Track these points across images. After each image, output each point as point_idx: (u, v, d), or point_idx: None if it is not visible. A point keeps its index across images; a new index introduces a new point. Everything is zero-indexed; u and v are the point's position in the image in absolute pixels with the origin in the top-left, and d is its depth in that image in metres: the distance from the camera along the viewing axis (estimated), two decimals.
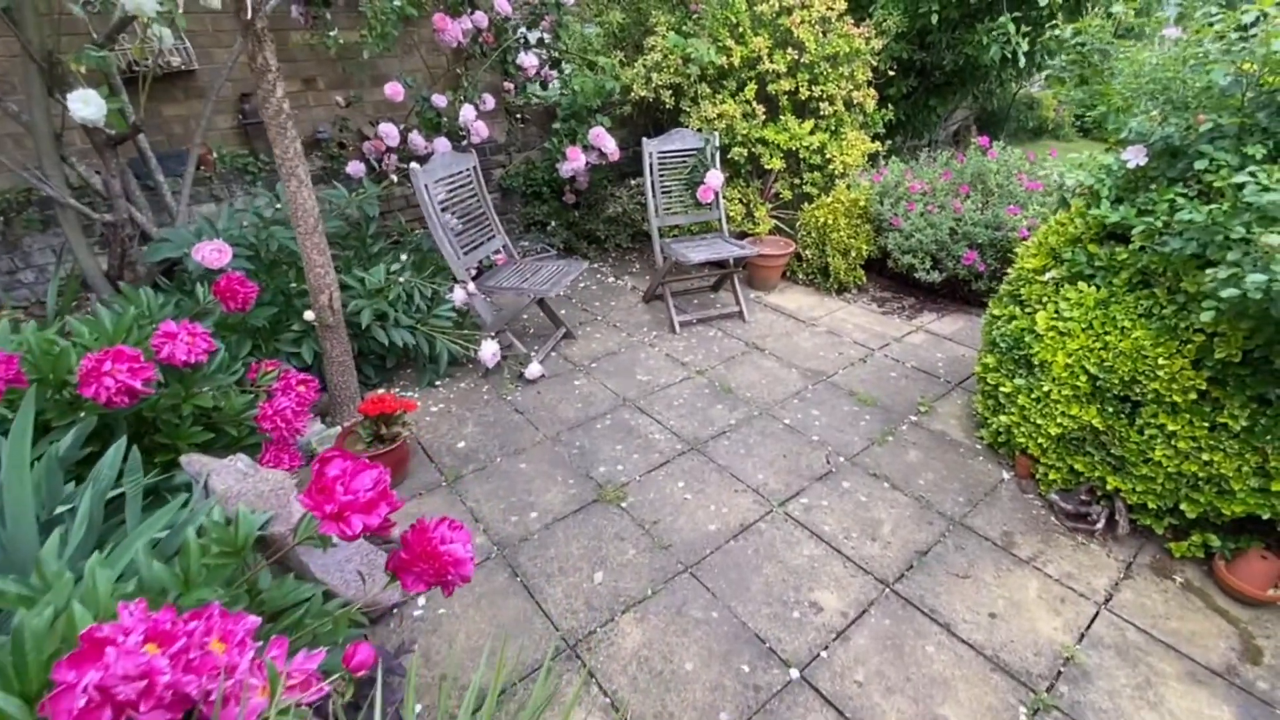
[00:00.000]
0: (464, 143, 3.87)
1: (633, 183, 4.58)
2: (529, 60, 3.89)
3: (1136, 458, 2.06)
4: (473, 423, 2.90)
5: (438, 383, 3.20)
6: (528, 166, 4.78)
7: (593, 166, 4.25)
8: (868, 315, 3.96)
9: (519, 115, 4.66)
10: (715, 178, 3.72)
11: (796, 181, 4.46)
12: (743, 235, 4.45)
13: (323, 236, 2.38)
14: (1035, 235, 2.59)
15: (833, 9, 4.04)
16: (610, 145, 4.05)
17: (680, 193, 3.91)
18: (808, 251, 4.25)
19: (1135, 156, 1.99)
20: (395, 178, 3.22)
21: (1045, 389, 2.23)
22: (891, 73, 4.82)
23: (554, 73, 4.35)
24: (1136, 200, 2.06)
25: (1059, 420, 2.21)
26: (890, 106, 4.82)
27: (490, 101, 3.89)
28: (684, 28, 4.09)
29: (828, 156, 4.26)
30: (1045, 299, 2.34)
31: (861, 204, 4.06)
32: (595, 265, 4.80)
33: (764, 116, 4.14)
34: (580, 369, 3.37)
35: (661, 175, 3.85)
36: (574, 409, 3.00)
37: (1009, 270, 2.70)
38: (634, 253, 4.97)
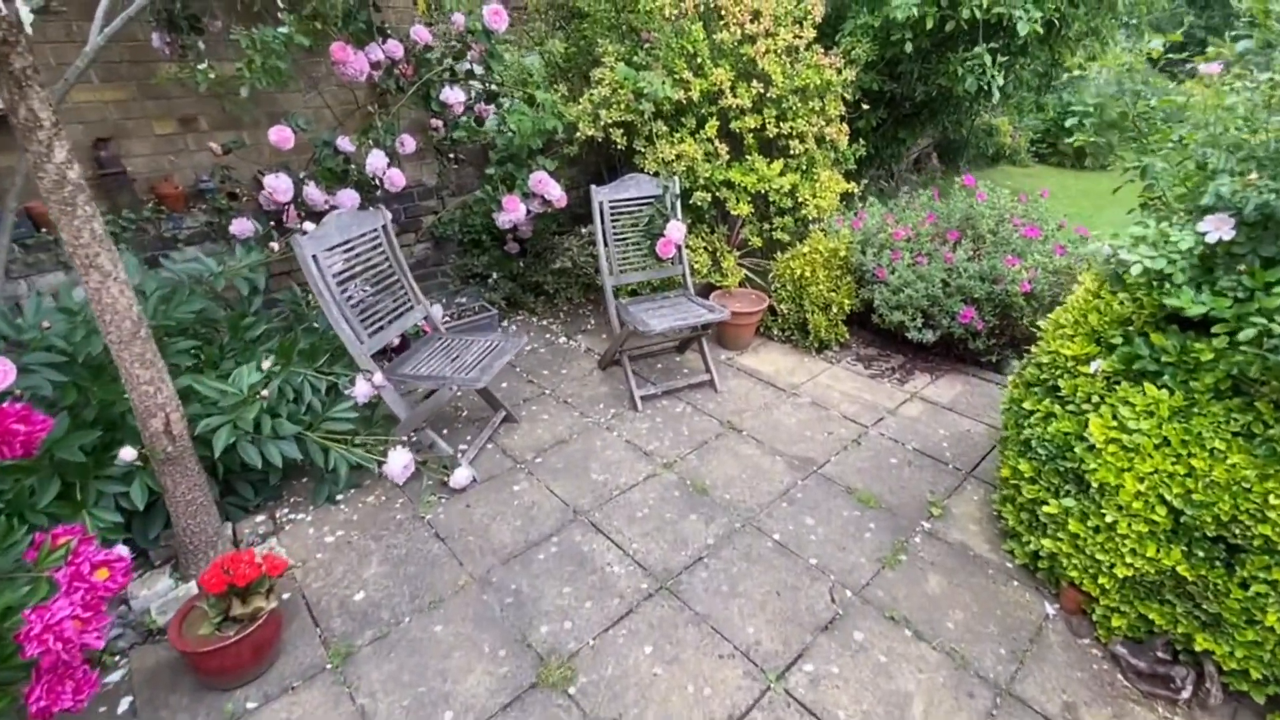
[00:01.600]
0: (379, 193, 3.27)
1: (584, 230, 4.04)
2: (454, 96, 3.33)
3: (1238, 617, 1.57)
4: (378, 559, 2.26)
5: (339, 498, 2.55)
6: (464, 212, 4.19)
7: (536, 215, 3.69)
8: (855, 380, 3.48)
9: (452, 155, 4.08)
10: (677, 230, 3.20)
11: (766, 227, 3.99)
12: (709, 289, 3.95)
13: (149, 342, 1.74)
14: (1068, 310, 2.14)
15: (801, 38, 3.62)
16: (555, 191, 3.50)
17: (637, 246, 3.38)
18: (783, 306, 3.77)
19: (1218, 228, 1.54)
20: (276, 247, 2.59)
21: (1108, 519, 1.74)
22: (865, 106, 4.44)
23: (490, 107, 3.79)
24: (1216, 282, 1.60)
25: (1129, 560, 1.72)
26: (861, 140, 4.43)
27: (410, 143, 3.30)
28: (635, 58, 3.60)
29: (800, 199, 3.81)
30: (1095, 397, 1.86)
31: (841, 254, 3.60)
32: (544, 322, 4.22)
33: (728, 156, 3.67)
34: (522, 466, 2.76)
35: (615, 227, 3.32)
36: (511, 529, 2.39)
37: (1032, 350, 2.24)
38: (588, 307, 4.41)
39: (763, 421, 3.08)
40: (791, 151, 3.77)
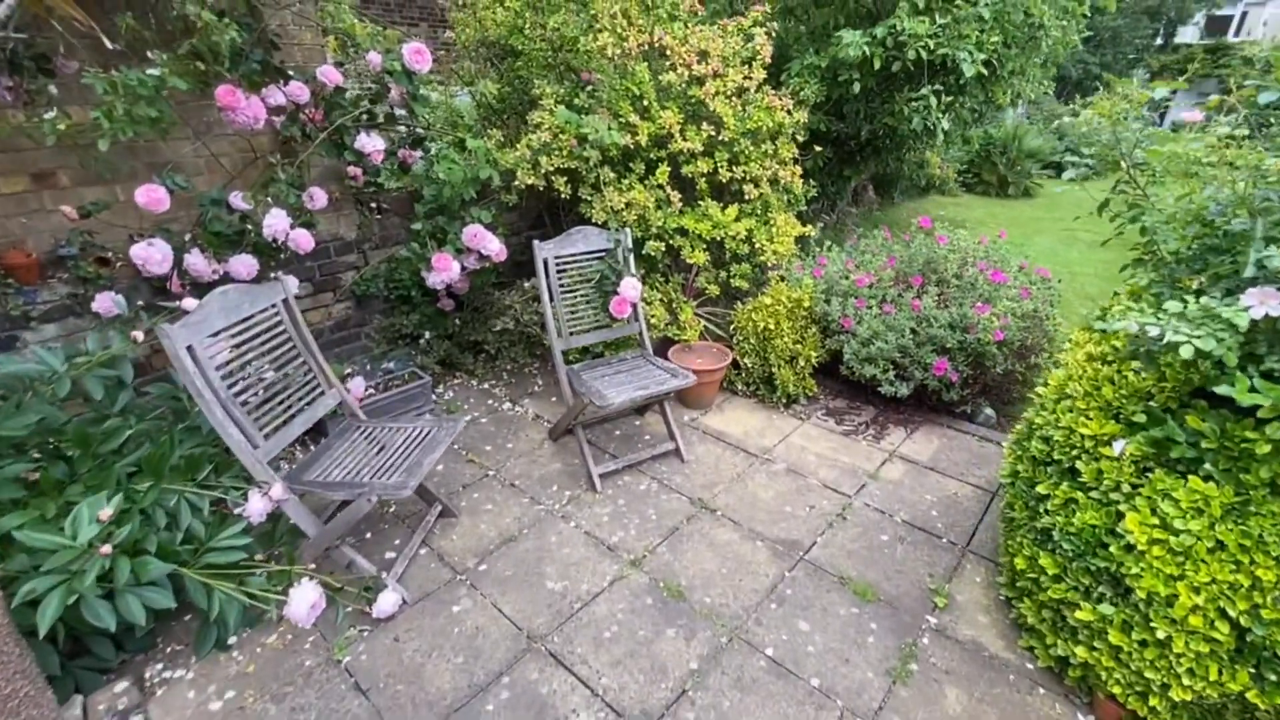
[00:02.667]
0: (283, 256, 2.81)
1: (527, 284, 3.67)
2: (372, 143, 2.93)
3: None
4: None
5: (231, 642, 2.04)
6: (391, 266, 3.75)
7: (473, 271, 3.31)
8: (828, 438, 3.23)
9: (374, 205, 3.65)
10: (631, 287, 2.90)
11: (723, 274, 3.75)
12: (668, 343, 3.65)
13: None
14: (1074, 378, 1.94)
15: (751, 79, 3.44)
16: (493, 245, 3.14)
17: (588, 305, 3.05)
18: (747, 360, 3.50)
19: (1264, 303, 1.35)
20: (139, 337, 2.09)
21: (1159, 633, 1.50)
22: (818, 148, 4.33)
23: (417, 153, 3.41)
24: (1262, 360, 1.41)
25: (1186, 682, 1.47)
26: (810, 180, 4.30)
27: (321, 197, 2.87)
28: (576, 100, 3.32)
29: (757, 245, 3.59)
30: (1125, 485, 1.64)
31: (805, 304, 3.38)
32: (486, 386, 3.80)
33: (680, 203, 3.41)
34: (463, 577, 2.33)
35: (563, 285, 2.98)
36: (451, 669, 1.96)
37: (1036, 420, 2.02)
38: (536, 365, 4.02)
39: (737, 497, 2.77)
40: (746, 196, 3.56)
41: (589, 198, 3.33)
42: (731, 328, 3.59)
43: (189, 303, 2.20)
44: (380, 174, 3.23)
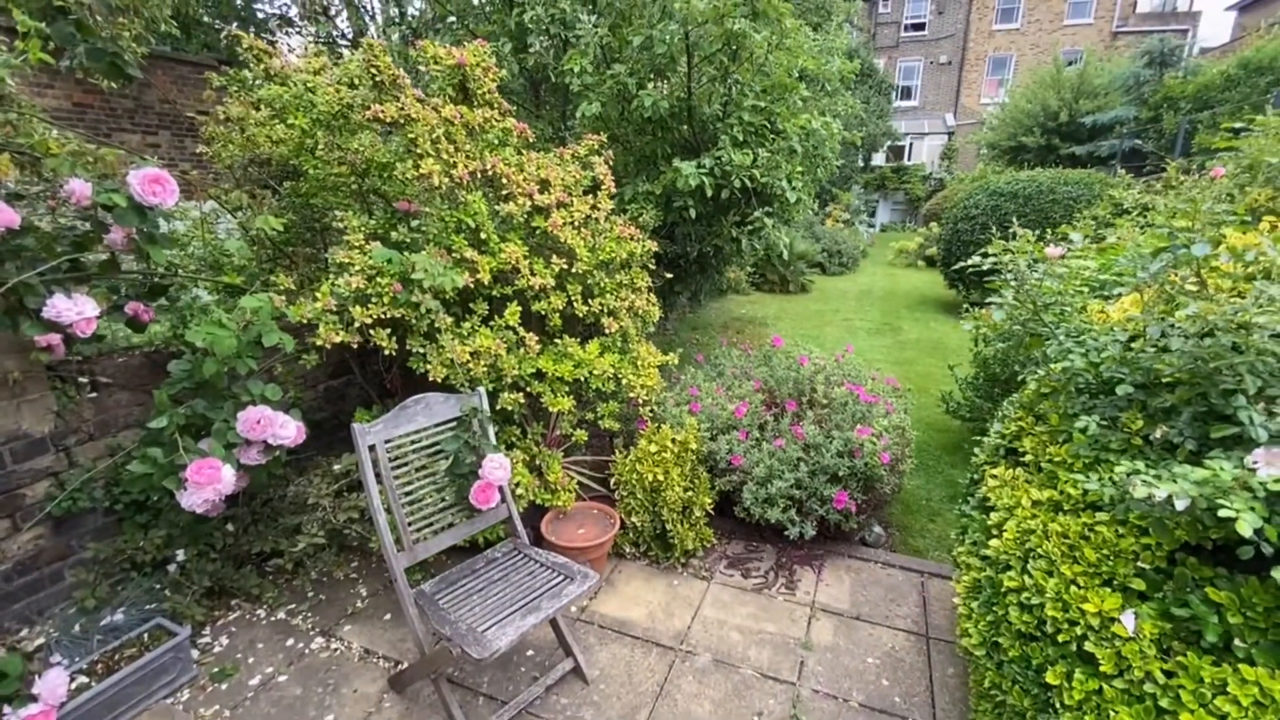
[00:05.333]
0: None
1: (338, 465, 2.75)
2: (73, 308, 1.95)
3: None
4: None
5: None
6: (118, 462, 2.57)
7: (257, 466, 2.35)
8: (741, 600, 2.80)
9: (87, 380, 2.51)
10: (498, 466, 2.24)
11: (589, 416, 3.25)
12: (538, 511, 2.98)
13: None
14: (1036, 533, 1.76)
15: (599, 209, 3.15)
16: (288, 431, 2.26)
17: (439, 496, 2.30)
18: (635, 518, 2.98)
19: (1275, 465, 1.24)
20: None
21: None
22: (669, 275, 4.21)
23: (147, 306, 2.42)
24: (1271, 517, 1.30)
25: None
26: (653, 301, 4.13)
27: None
28: (395, 235, 2.69)
29: (624, 382, 3.19)
30: (1159, 673, 1.42)
31: (692, 446, 3.01)
32: (281, 616, 2.70)
33: (538, 345, 2.89)
34: None
35: (400, 476, 2.20)
36: None
37: (1005, 582, 1.80)
38: (355, 567, 3.02)
39: None
40: (605, 330, 3.18)
41: (421, 349, 2.64)
42: (613, 482, 3.06)
43: None
44: (93, 340, 2.20)
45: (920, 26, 23.94)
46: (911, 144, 22.89)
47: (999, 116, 17.84)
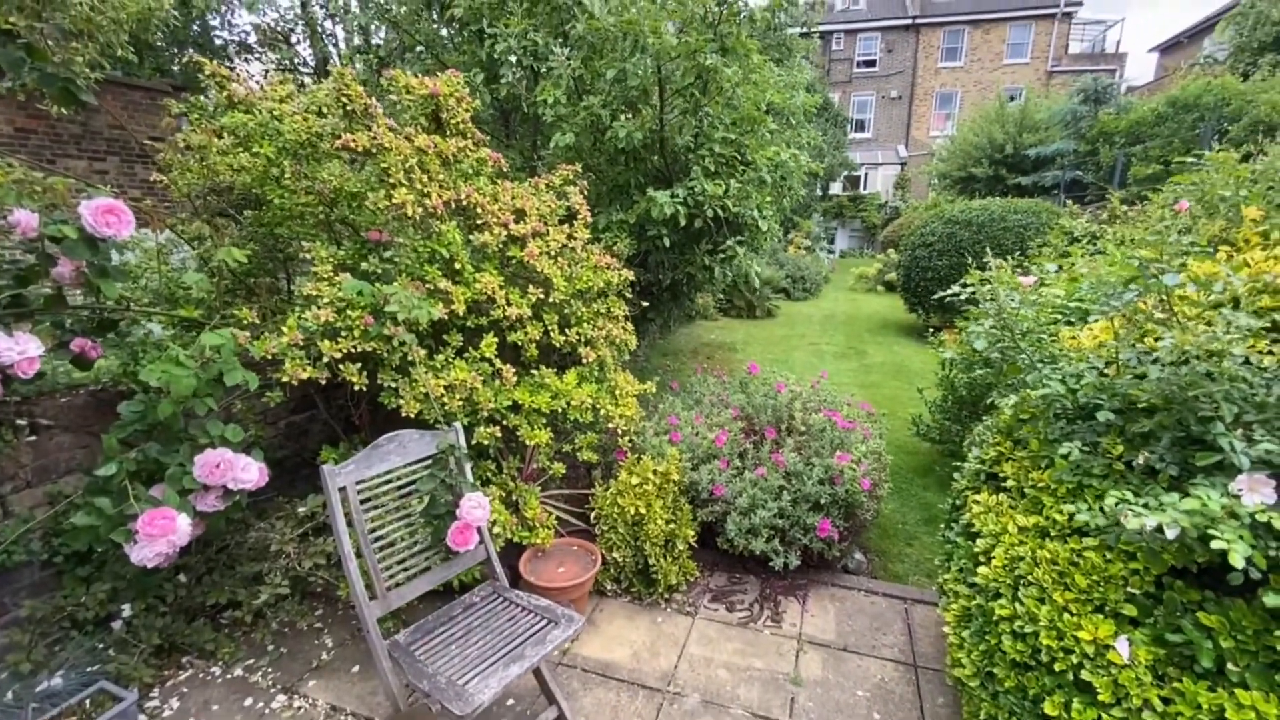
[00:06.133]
0: None
1: (303, 507, 2.60)
2: (14, 348, 1.81)
3: None
4: None
5: None
6: (59, 511, 2.38)
7: (214, 513, 2.20)
8: (727, 635, 2.73)
9: (25, 422, 2.33)
10: (477, 505, 2.15)
11: (567, 448, 3.18)
12: (515, 550, 2.87)
13: None
14: (1025, 560, 1.77)
15: (575, 238, 3.13)
16: (250, 474, 2.13)
17: (413, 540, 2.19)
18: (616, 554, 2.90)
19: (1255, 490, 1.27)
20: None
21: None
22: (645, 304, 4.21)
23: (95, 342, 2.27)
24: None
25: None
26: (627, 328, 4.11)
27: None
28: (365, 265, 2.60)
29: (602, 412, 3.13)
30: (1156, 700, 1.42)
31: (674, 477, 2.96)
32: (238, 673, 2.51)
33: (514, 376, 2.82)
34: None
35: (373, 518, 2.09)
36: None
37: (996, 610, 1.79)
38: (320, 615, 2.84)
39: None
40: (583, 359, 3.13)
41: (393, 384, 2.54)
42: (594, 516, 2.98)
43: None
44: (34, 379, 2.04)
45: (871, 63, 25.10)
46: (866, 174, 23.77)
47: (948, 148, 18.74)
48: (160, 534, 1.82)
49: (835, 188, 23.62)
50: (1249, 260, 1.78)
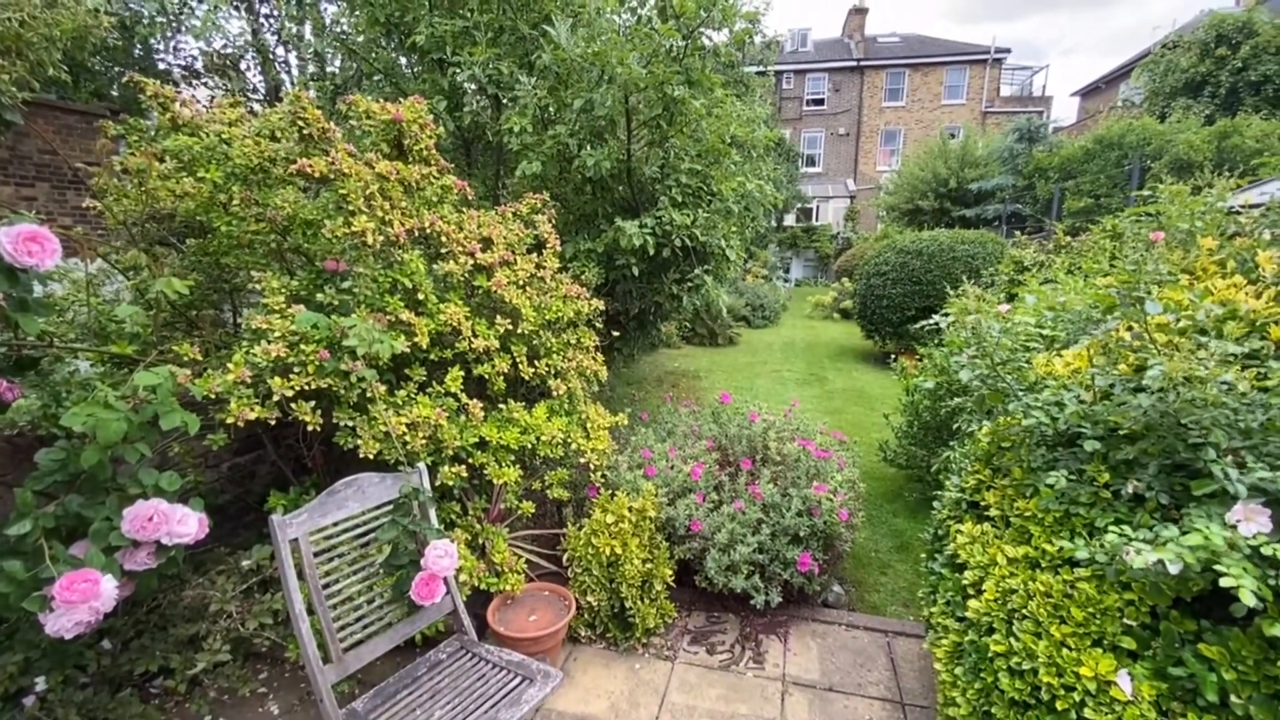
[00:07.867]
0: None
1: (247, 560, 2.37)
2: None
3: None
4: None
5: None
6: None
7: (144, 571, 1.97)
8: (709, 679, 2.60)
9: None
10: (444, 554, 1.99)
11: (536, 486, 3.04)
12: (483, 597, 2.69)
13: None
14: (1018, 593, 1.73)
15: (545, 267, 3.05)
16: (188, 526, 1.92)
17: (375, 592, 2.01)
18: (591, 598, 2.75)
19: (1254, 521, 1.26)
20: None
21: None
22: (615, 333, 4.13)
23: (12, 382, 2.05)
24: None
25: None
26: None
27: None
28: (320, 296, 2.45)
29: (574, 447, 3.02)
30: None
31: (650, 514, 2.85)
32: None
33: (481, 411, 2.69)
34: None
35: (328, 572, 1.90)
36: None
37: (991, 645, 1.74)
38: (264, 676, 2.58)
39: None
40: (553, 392, 3.02)
41: (350, 422, 2.37)
42: (566, 558, 2.83)
43: None
44: None
45: (820, 102, 26.22)
46: (818, 206, 24.61)
47: (895, 182, 19.62)
48: (81, 600, 1.60)
49: (789, 219, 24.35)
50: (1211, 288, 1.83)
